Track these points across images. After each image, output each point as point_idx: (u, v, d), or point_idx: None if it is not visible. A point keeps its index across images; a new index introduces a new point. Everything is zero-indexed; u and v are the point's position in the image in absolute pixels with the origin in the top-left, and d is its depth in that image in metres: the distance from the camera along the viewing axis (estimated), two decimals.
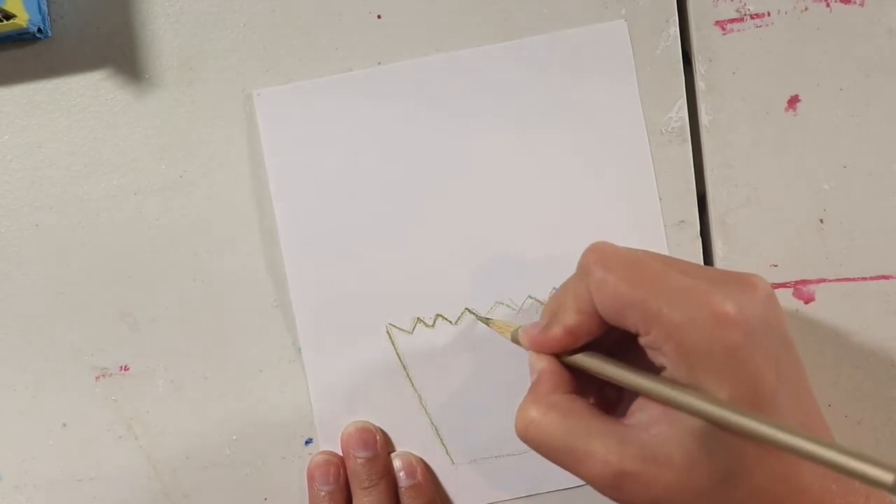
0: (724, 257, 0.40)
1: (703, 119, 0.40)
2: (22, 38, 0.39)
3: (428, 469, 0.40)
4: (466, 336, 0.40)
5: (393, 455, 0.40)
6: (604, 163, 0.40)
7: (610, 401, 0.34)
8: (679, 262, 0.32)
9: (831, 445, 0.25)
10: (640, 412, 0.30)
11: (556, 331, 0.32)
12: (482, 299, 0.40)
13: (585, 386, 0.33)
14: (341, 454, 0.40)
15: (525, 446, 0.39)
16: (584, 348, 0.32)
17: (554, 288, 0.40)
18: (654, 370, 0.30)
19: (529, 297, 0.40)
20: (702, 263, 0.40)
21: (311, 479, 0.39)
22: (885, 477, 0.24)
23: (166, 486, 0.40)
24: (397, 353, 0.40)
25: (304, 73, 0.40)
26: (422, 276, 0.40)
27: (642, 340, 0.30)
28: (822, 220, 0.40)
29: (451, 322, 0.40)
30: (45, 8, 0.39)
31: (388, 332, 0.40)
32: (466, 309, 0.40)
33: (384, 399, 0.40)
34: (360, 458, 0.39)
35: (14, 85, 0.40)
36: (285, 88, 0.39)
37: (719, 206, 0.40)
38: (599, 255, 0.31)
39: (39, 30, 0.38)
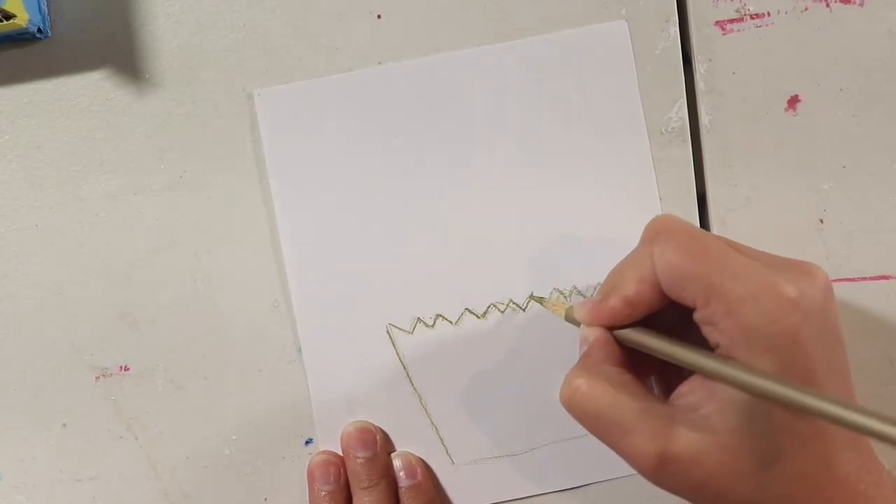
0: None
1: (703, 119, 0.40)
2: (22, 38, 0.39)
3: (428, 469, 0.40)
4: (466, 336, 0.40)
5: (393, 455, 0.40)
6: (604, 163, 0.40)
7: (658, 384, 0.34)
8: (739, 244, 0.32)
9: (889, 419, 0.25)
10: (689, 394, 0.30)
11: (615, 301, 0.32)
12: (482, 299, 0.40)
13: (635, 366, 0.33)
14: (341, 454, 0.40)
15: (525, 446, 0.39)
16: (636, 326, 0.32)
17: (555, 289, 0.40)
18: (705, 349, 0.30)
19: (530, 296, 0.40)
20: None
21: (311, 478, 0.39)
22: None
23: (166, 486, 0.40)
24: (397, 354, 0.40)
25: (304, 73, 0.40)
26: (422, 277, 0.40)
27: (699, 315, 0.30)
28: (822, 220, 0.40)
29: (451, 322, 0.40)
30: (45, 8, 0.39)
31: (388, 332, 0.40)
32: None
33: (384, 399, 0.40)
34: (360, 458, 0.39)
35: (14, 85, 0.40)
36: (286, 88, 0.39)
37: (719, 206, 0.40)
38: (664, 226, 0.31)
39: (39, 30, 0.38)
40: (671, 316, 0.32)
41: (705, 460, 0.28)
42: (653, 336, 0.31)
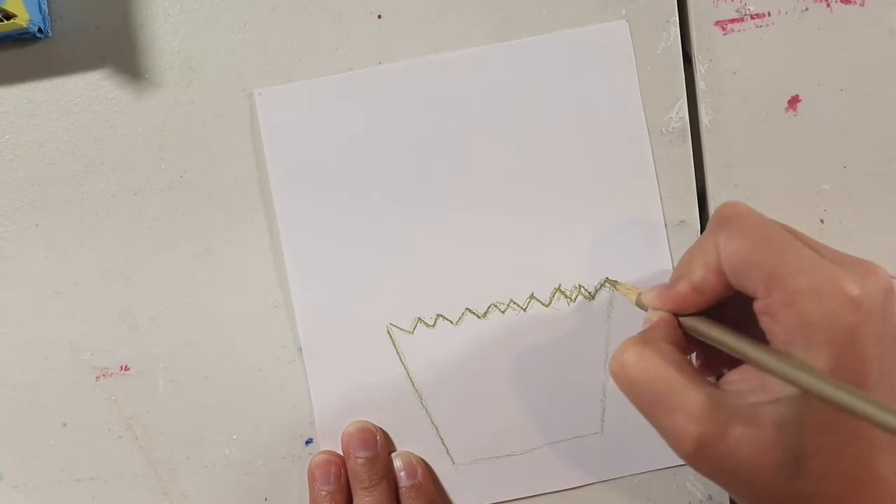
0: None
1: (704, 119, 0.40)
2: (22, 38, 0.39)
3: (428, 469, 0.40)
4: (467, 336, 0.40)
5: (393, 455, 0.40)
6: (604, 163, 0.40)
7: (708, 369, 0.34)
8: (805, 236, 0.32)
9: None
10: (739, 382, 0.30)
11: (682, 286, 0.31)
12: (482, 299, 0.40)
13: (690, 350, 0.33)
14: (342, 454, 0.40)
15: (526, 446, 0.39)
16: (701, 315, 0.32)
17: (555, 288, 0.40)
18: (763, 341, 0.30)
19: (531, 296, 0.40)
20: None
21: (311, 478, 0.39)
22: None
23: (166, 486, 0.40)
24: (398, 354, 0.40)
25: (304, 73, 0.40)
26: (422, 276, 0.40)
27: (759, 304, 0.29)
28: (822, 220, 0.40)
29: (451, 322, 0.40)
30: (45, 8, 0.39)
31: (388, 332, 0.40)
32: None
33: (384, 399, 0.40)
34: (360, 458, 0.39)
35: (14, 85, 0.40)
36: (286, 88, 0.39)
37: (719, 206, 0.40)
38: (732, 213, 0.31)
39: (39, 30, 0.38)
40: (735, 308, 0.32)
41: (745, 449, 0.28)
42: (714, 326, 0.31)
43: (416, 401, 0.40)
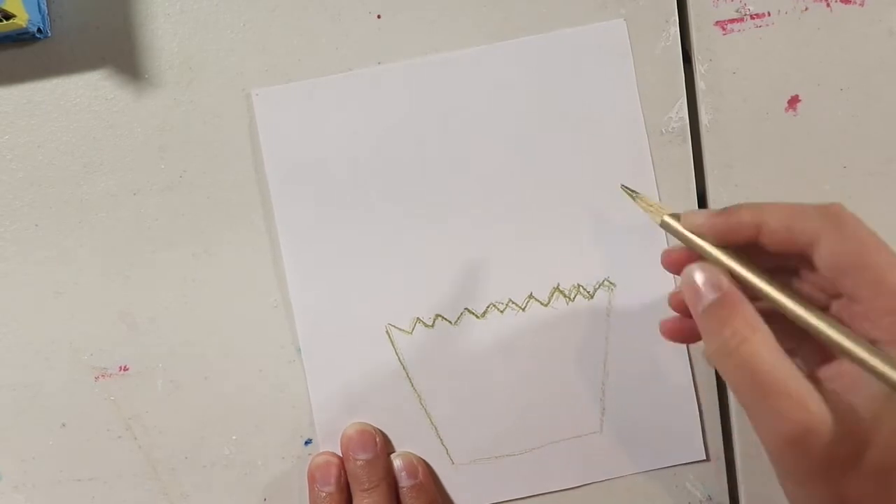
0: None
1: (704, 119, 0.40)
2: (22, 38, 0.39)
3: (429, 468, 0.40)
4: (466, 336, 0.40)
5: (393, 455, 0.40)
6: (604, 163, 0.40)
7: None
8: None
9: None
10: (832, 380, 0.30)
11: (746, 215, 0.30)
12: (481, 299, 0.40)
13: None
14: (341, 455, 0.40)
15: (525, 446, 0.39)
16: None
17: (554, 287, 0.40)
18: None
19: (529, 296, 0.40)
20: None
21: (311, 479, 0.39)
22: None
23: (166, 486, 0.40)
24: (397, 354, 0.40)
25: (304, 73, 0.40)
26: (421, 277, 0.40)
27: (859, 308, 0.29)
28: None
29: (450, 322, 0.40)
30: (45, 8, 0.39)
31: (387, 332, 0.40)
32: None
33: (384, 399, 0.40)
34: (359, 460, 0.39)
35: (14, 85, 0.40)
36: (284, 88, 0.39)
37: (719, 206, 0.40)
38: (844, 214, 0.30)
39: (39, 30, 0.38)
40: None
41: (840, 447, 0.28)
42: (820, 315, 0.30)
43: (416, 401, 0.40)
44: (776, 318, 0.30)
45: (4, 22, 0.35)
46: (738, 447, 0.41)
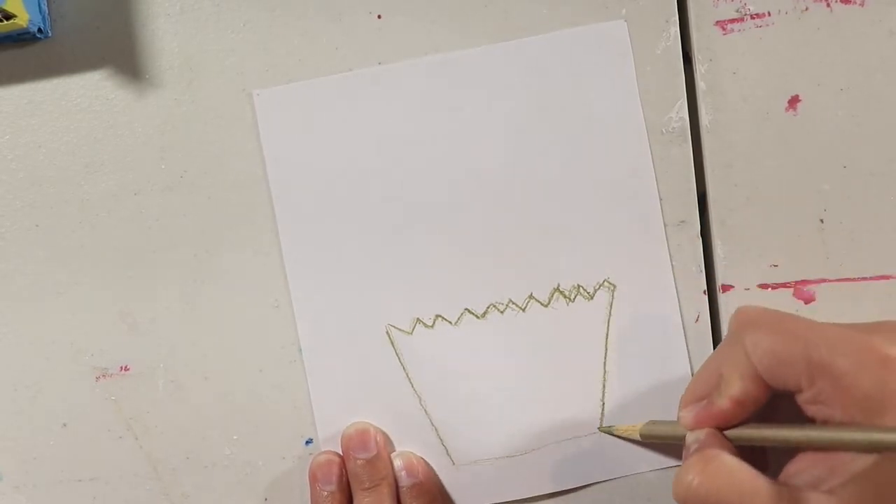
0: (725, 257, 0.40)
1: (704, 119, 0.40)
2: (22, 38, 0.39)
3: (429, 468, 0.40)
4: (466, 336, 0.40)
5: (394, 455, 0.40)
6: (604, 163, 0.40)
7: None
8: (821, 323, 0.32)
9: None
10: (803, 473, 0.30)
11: (723, 403, 0.32)
12: (481, 299, 0.40)
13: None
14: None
15: (526, 447, 0.39)
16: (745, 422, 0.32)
17: (554, 288, 0.40)
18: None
19: (529, 296, 0.40)
20: (702, 264, 0.40)
21: (313, 479, 0.39)
22: None
23: (166, 486, 0.40)
24: (397, 354, 0.40)
25: (304, 73, 0.40)
26: (421, 277, 0.40)
27: (804, 397, 0.30)
28: (822, 220, 0.40)
29: (450, 322, 0.40)
30: (45, 8, 0.39)
31: (387, 332, 0.40)
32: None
33: (384, 400, 0.40)
34: (360, 459, 0.39)
35: (14, 85, 0.40)
36: (285, 88, 0.39)
37: (719, 206, 0.40)
38: (747, 317, 0.31)
39: (39, 30, 0.38)
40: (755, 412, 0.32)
41: None
42: (766, 427, 0.31)
43: (416, 401, 0.40)
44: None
45: (5, 22, 0.35)
46: None
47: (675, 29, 0.40)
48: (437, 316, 0.40)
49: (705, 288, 0.40)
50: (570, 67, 0.39)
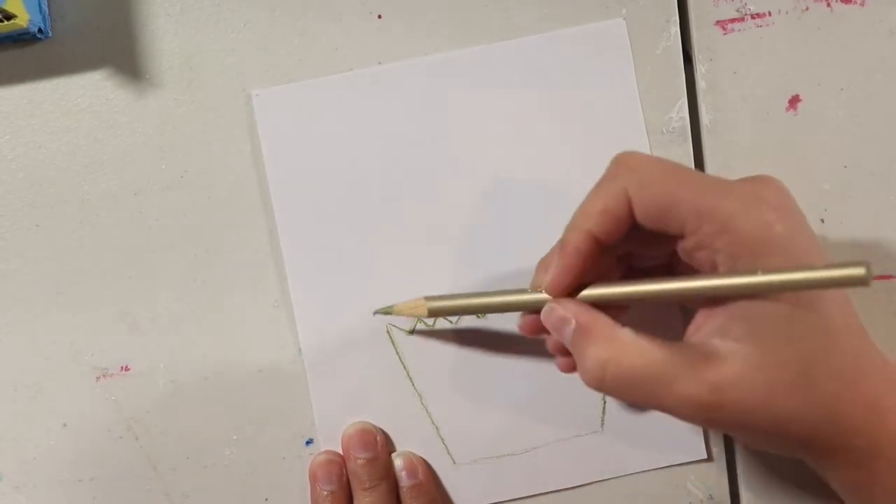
0: None
1: (704, 119, 0.40)
2: (22, 38, 0.39)
3: (429, 468, 0.40)
4: (466, 336, 0.40)
5: (394, 455, 0.40)
6: (604, 163, 0.39)
7: None
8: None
9: (809, 267, 0.27)
10: (702, 329, 0.30)
11: (574, 237, 0.32)
12: None
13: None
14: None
15: (526, 446, 0.39)
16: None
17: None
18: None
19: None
20: None
21: (313, 478, 0.39)
22: (857, 272, 0.26)
23: (166, 486, 0.40)
24: (397, 354, 0.40)
25: (304, 73, 0.40)
26: (422, 276, 0.40)
27: (688, 242, 0.30)
28: (822, 220, 0.40)
29: (450, 322, 0.40)
30: (45, 8, 0.39)
31: (388, 332, 0.40)
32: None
33: (385, 399, 0.40)
34: (360, 459, 0.39)
35: (14, 85, 0.40)
36: (284, 88, 0.39)
37: None
38: (633, 160, 0.32)
39: (40, 30, 0.38)
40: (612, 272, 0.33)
41: (753, 383, 0.28)
42: (642, 283, 0.31)
43: (416, 400, 0.40)
44: None
45: (5, 22, 0.35)
46: (740, 447, 0.41)
47: (676, 28, 0.40)
48: None
49: None
50: (570, 67, 0.39)
